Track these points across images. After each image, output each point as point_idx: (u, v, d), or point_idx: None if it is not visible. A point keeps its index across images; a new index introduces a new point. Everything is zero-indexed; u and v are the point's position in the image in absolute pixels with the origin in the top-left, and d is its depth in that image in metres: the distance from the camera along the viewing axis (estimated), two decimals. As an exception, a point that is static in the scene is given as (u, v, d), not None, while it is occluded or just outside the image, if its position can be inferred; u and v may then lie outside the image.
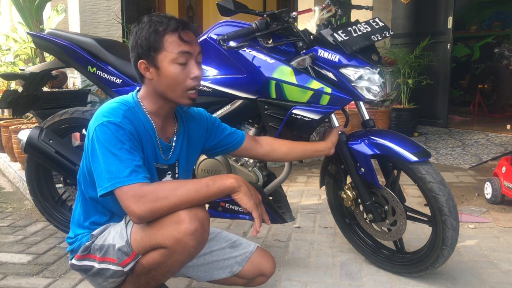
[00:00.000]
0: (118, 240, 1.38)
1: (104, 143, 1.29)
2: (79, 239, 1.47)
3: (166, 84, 1.40)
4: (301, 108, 1.83)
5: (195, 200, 1.30)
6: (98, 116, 1.34)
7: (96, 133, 1.31)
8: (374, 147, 1.85)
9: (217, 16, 1.79)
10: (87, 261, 1.43)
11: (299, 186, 3.50)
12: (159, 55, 1.38)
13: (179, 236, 1.28)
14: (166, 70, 1.38)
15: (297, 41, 1.88)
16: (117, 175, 1.26)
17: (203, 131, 1.63)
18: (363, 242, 2.16)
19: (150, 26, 1.37)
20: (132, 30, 1.42)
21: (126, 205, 1.26)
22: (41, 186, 2.44)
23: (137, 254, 1.36)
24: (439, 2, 5.28)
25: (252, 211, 1.34)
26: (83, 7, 4.02)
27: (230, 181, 1.33)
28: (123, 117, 1.34)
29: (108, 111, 1.34)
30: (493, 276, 2.02)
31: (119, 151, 1.28)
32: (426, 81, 4.99)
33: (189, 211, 1.29)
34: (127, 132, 1.32)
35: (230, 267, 1.57)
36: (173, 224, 1.28)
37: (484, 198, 3.08)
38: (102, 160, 1.28)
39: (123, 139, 1.30)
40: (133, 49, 1.41)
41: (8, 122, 3.82)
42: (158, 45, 1.37)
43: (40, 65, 2.61)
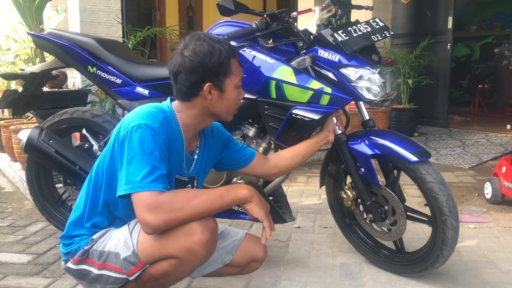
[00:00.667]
0: (123, 250, 1.36)
1: (136, 145, 1.28)
2: (77, 242, 1.44)
3: (225, 106, 1.46)
4: (301, 108, 1.83)
5: (209, 211, 1.31)
6: (135, 118, 1.33)
7: (131, 133, 1.30)
8: (374, 147, 1.85)
9: (217, 16, 1.79)
10: (84, 265, 1.42)
11: (299, 186, 3.50)
12: (227, 79, 1.43)
13: (192, 246, 1.29)
14: (230, 93, 1.45)
15: (297, 41, 1.88)
16: (138, 179, 1.25)
17: (220, 146, 1.65)
18: (363, 242, 2.16)
19: (220, 50, 1.39)
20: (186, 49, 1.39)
21: (140, 214, 1.25)
22: (41, 186, 2.44)
23: (145, 264, 1.36)
24: (439, 2, 5.28)
25: (264, 221, 1.39)
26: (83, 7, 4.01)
27: (243, 191, 1.36)
28: (161, 124, 1.34)
29: (147, 115, 1.34)
30: (493, 276, 2.02)
31: (148, 156, 1.28)
32: (426, 81, 4.99)
33: (201, 222, 1.30)
34: (161, 140, 1.32)
35: (221, 258, 1.59)
36: (185, 235, 1.29)
37: (484, 198, 3.08)
38: (128, 161, 1.28)
39: (156, 146, 1.30)
40: (195, 70, 1.38)
41: (8, 122, 3.82)
42: (228, 70, 1.42)
43: (40, 65, 2.61)
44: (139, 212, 1.25)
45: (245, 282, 1.94)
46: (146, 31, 3.98)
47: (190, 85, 1.40)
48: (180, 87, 1.42)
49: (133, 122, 1.32)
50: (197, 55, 1.38)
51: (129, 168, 1.27)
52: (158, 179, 1.27)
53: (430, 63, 5.10)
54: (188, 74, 1.39)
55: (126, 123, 1.34)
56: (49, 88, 3.47)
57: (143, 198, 1.24)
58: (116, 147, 1.35)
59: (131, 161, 1.27)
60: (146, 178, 1.25)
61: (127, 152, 1.29)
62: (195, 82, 1.40)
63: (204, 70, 1.38)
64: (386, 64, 5.14)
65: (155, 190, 1.24)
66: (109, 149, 1.39)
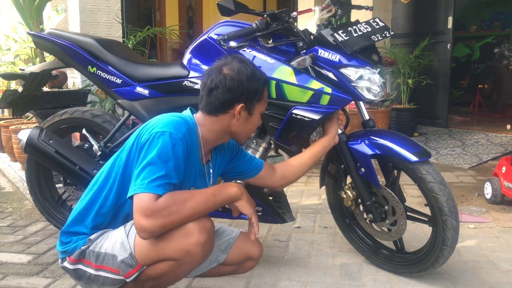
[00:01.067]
0: (120, 252, 1.37)
1: (155, 151, 1.30)
2: (74, 241, 1.44)
3: (247, 128, 1.52)
4: (301, 108, 1.83)
5: (204, 211, 1.34)
6: (160, 124, 1.35)
7: (153, 138, 1.32)
8: (374, 147, 1.85)
9: (217, 16, 1.79)
10: (81, 265, 1.42)
11: (299, 186, 3.50)
12: (258, 105, 1.51)
13: (189, 248, 1.30)
14: (255, 118, 1.53)
15: (297, 41, 1.88)
16: (145, 182, 1.27)
17: (229, 156, 1.67)
18: (363, 242, 2.16)
19: (259, 77, 1.48)
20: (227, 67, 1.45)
21: (137, 219, 1.25)
22: (41, 186, 2.44)
23: (143, 266, 1.37)
24: (439, 2, 5.28)
25: (252, 217, 1.45)
26: (83, 7, 4.01)
27: (234, 189, 1.40)
28: (184, 135, 1.36)
29: (172, 124, 1.36)
30: (493, 276, 2.02)
31: (163, 164, 1.29)
32: (426, 81, 4.99)
33: (198, 223, 1.32)
34: (180, 151, 1.34)
35: (214, 257, 1.59)
36: (182, 237, 1.30)
37: (484, 198, 3.08)
38: (143, 166, 1.29)
39: (173, 156, 1.31)
40: (234, 89, 1.43)
41: (8, 122, 3.82)
42: (261, 96, 1.50)
43: (40, 65, 2.60)
44: (136, 216, 1.26)
45: (245, 282, 1.94)
46: (146, 31, 3.98)
47: (224, 101, 1.45)
48: (213, 101, 1.45)
49: (158, 128, 1.34)
50: (240, 75, 1.44)
51: (142, 172, 1.29)
52: (164, 186, 1.28)
53: (430, 63, 5.10)
54: (226, 91, 1.43)
55: (149, 127, 1.36)
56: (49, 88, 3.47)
57: (141, 200, 1.25)
58: (134, 149, 1.37)
59: (146, 166, 1.29)
60: (153, 182, 1.27)
61: (144, 156, 1.31)
62: (230, 100, 1.45)
63: (242, 91, 1.44)
64: (386, 64, 5.14)
65: (154, 194, 1.25)
66: (126, 152, 1.40)
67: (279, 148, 2.00)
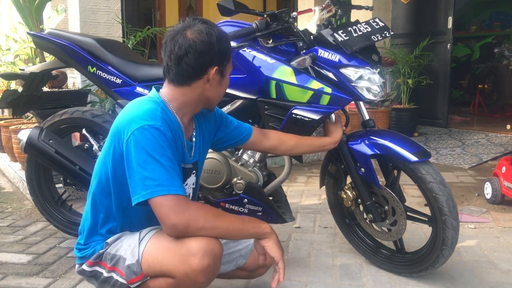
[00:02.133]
0: (129, 257, 1.36)
1: (145, 148, 1.24)
2: (93, 246, 1.44)
3: (219, 92, 1.47)
4: (301, 108, 1.83)
5: (226, 233, 1.32)
6: (134, 118, 1.29)
7: (135, 137, 1.25)
8: (374, 147, 1.85)
9: (217, 16, 1.78)
10: (97, 267, 1.43)
11: (299, 186, 3.50)
12: (228, 66, 1.44)
13: (189, 271, 1.27)
14: (226, 79, 1.47)
15: (297, 41, 1.88)
16: (157, 183, 1.22)
17: (213, 125, 1.64)
18: (363, 242, 2.16)
19: (227, 36, 1.42)
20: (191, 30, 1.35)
21: (165, 214, 1.22)
22: (41, 186, 2.44)
23: (146, 276, 1.35)
24: (439, 2, 5.28)
25: (279, 261, 1.38)
26: (83, 7, 4.01)
27: (265, 226, 1.38)
28: (162, 120, 1.30)
29: (145, 113, 1.30)
30: (493, 276, 2.02)
31: (162, 158, 1.25)
32: (426, 81, 4.99)
33: (205, 245, 1.27)
34: (168, 137, 1.29)
35: (235, 261, 1.61)
36: (185, 255, 1.26)
37: (484, 198, 3.08)
38: (140, 166, 1.24)
39: (165, 145, 1.27)
40: (206, 52, 1.34)
41: (8, 122, 3.82)
42: (230, 55, 1.43)
43: (40, 65, 2.60)
44: (164, 211, 1.22)
45: (245, 282, 1.94)
46: (146, 31, 3.98)
47: (198, 67, 1.36)
48: (185, 69, 1.36)
49: (134, 124, 1.27)
50: (209, 37, 1.34)
51: (144, 172, 1.23)
52: (178, 181, 1.26)
53: (430, 63, 5.10)
54: (198, 55, 1.34)
55: (125, 124, 1.30)
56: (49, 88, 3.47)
57: (169, 198, 1.22)
58: (118, 150, 1.31)
59: (144, 164, 1.23)
60: (167, 180, 1.23)
61: (136, 157, 1.24)
62: (203, 64, 1.37)
63: (214, 53, 1.36)
64: (386, 64, 5.14)
65: (181, 194, 1.23)
66: (109, 153, 1.35)
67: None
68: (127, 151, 1.27)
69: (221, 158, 2.00)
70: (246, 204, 1.98)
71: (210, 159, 2.00)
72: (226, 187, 2.05)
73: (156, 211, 1.23)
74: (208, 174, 2.01)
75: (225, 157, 2.01)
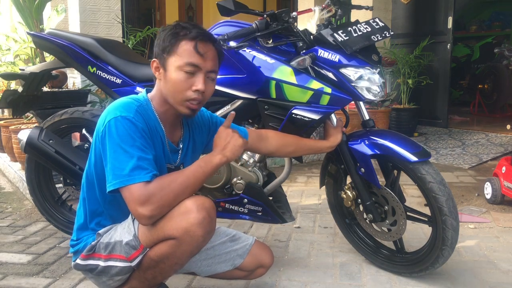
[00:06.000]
0: (125, 235, 1.39)
1: (115, 138, 1.29)
2: (84, 240, 1.47)
3: (168, 88, 1.42)
4: (301, 108, 1.83)
5: (195, 183, 1.34)
6: (110, 111, 1.34)
7: (108, 127, 1.31)
8: (374, 147, 1.85)
9: (217, 16, 1.79)
10: (92, 260, 1.44)
11: (299, 186, 3.50)
12: (170, 58, 1.40)
13: (187, 226, 1.30)
14: (170, 74, 1.40)
15: (297, 41, 1.88)
16: (126, 172, 1.27)
17: (206, 132, 1.64)
18: (363, 242, 2.16)
19: (172, 28, 1.41)
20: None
21: (133, 209, 1.27)
22: (41, 186, 2.44)
23: (145, 248, 1.37)
24: (439, 2, 5.28)
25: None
26: (83, 7, 4.02)
27: (217, 157, 1.40)
28: (136, 112, 1.34)
29: (121, 106, 1.34)
30: (493, 276, 2.02)
31: (130, 148, 1.29)
32: (426, 81, 4.99)
33: (196, 201, 1.32)
34: (140, 129, 1.32)
35: (232, 260, 1.62)
36: (181, 214, 1.30)
37: (484, 198, 3.08)
38: (111, 156, 1.29)
39: (135, 136, 1.30)
40: (155, 47, 1.43)
41: (8, 122, 3.82)
42: (172, 48, 1.39)
43: (40, 65, 2.60)
44: (132, 206, 1.27)
45: (245, 282, 1.94)
46: (146, 31, 3.98)
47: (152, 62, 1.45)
48: None
49: (109, 116, 1.32)
50: (159, 34, 1.43)
51: (114, 162, 1.28)
52: (145, 168, 1.28)
53: (430, 63, 5.10)
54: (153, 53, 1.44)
55: (102, 118, 1.35)
56: (49, 88, 3.47)
57: (133, 191, 1.26)
58: (97, 143, 1.36)
59: (115, 154, 1.28)
60: (133, 170, 1.27)
61: (109, 147, 1.30)
62: (151, 58, 1.45)
63: (155, 47, 1.43)
64: (386, 64, 5.14)
65: (143, 181, 1.26)
66: (93, 148, 1.41)
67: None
68: (103, 142, 1.33)
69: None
70: (246, 204, 1.99)
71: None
72: (226, 187, 2.05)
73: (125, 201, 1.29)
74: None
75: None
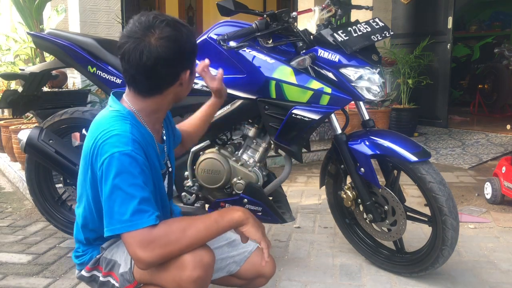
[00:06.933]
0: (123, 263, 1.34)
1: (114, 179, 1.17)
2: (90, 252, 1.43)
3: (191, 86, 1.35)
4: (301, 108, 1.83)
5: (205, 239, 1.24)
6: (105, 146, 1.19)
7: (107, 167, 1.18)
8: (374, 147, 1.85)
9: (217, 16, 1.79)
10: (95, 271, 1.42)
11: (299, 186, 3.50)
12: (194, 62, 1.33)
13: (180, 282, 1.22)
14: (194, 74, 1.35)
15: (297, 41, 1.88)
16: (127, 217, 1.15)
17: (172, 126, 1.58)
18: (363, 242, 2.16)
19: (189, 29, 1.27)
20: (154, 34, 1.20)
21: (132, 251, 1.16)
22: (41, 186, 2.44)
23: (139, 284, 1.34)
24: (439, 2, 5.28)
25: (261, 242, 1.30)
26: (83, 7, 4.02)
27: (238, 214, 1.27)
28: (133, 142, 1.20)
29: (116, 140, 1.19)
30: (493, 276, 2.02)
31: (131, 188, 1.16)
32: (426, 81, 4.99)
33: (194, 256, 1.22)
34: (141, 163, 1.20)
35: (227, 267, 1.52)
36: (176, 268, 1.22)
37: (484, 198, 3.08)
38: (111, 198, 1.17)
39: (135, 172, 1.18)
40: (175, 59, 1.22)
41: (8, 122, 3.82)
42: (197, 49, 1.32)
43: (40, 65, 2.60)
44: (131, 249, 1.16)
45: (245, 282, 1.94)
46: (146, 31, 3.97)
47: (170, 76, 1.26)
48: (157, 81, 1.25)
49: (105, 152, 1.19)
50: (177, 43, 1.22)
51: (114, 206, 1.16)
52: (147, 210, 1.17)
53: (430, 63, 5.10)
54: (169, 65, 1.22)
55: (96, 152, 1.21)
56: (49, 88, 3.47)
57: (135, 235, 1.15)
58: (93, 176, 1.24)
59: (115, 197, 1.16)
60: (135, 214, 1.15)
61: (106, 187, 1.17)
62: (176, 72, 1.26)
63: (185, 57, 1.25)
64: (386, 64, 5.14)
65: (145, 227, 1.15)
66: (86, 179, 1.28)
67: (279, 148, 2.00)
68: (100, 180, 1.20)
69: (221, 158, 2.00)
70: (246, 204, 1.99)
71: (210, 159, 2.00)
72: (226, 187, 2.05)
73: (125, 246, 1.19)
74: (208, 174, 2.01)
75: (225, 157, 2.01)
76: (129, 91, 1.30)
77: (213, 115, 1.77)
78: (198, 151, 2.06)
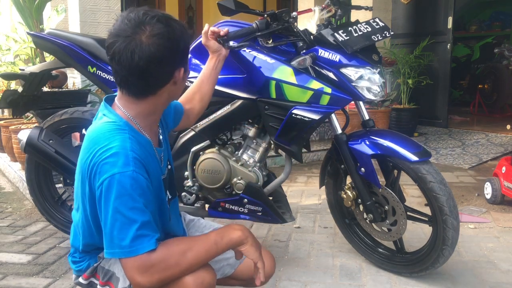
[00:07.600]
0: (122, 279, 1.30)
1: (113, 202, 1.11)
2: (87, 260, 1.40)
3: (184, 84, 1.31)
4: (301, 108, 1.83)
5: (205, 261, 1.21)
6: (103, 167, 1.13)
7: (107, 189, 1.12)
8: (375, 147, 1.85)
9: (217, 16, 1.78)
10: (93, 278, 1.41)
11: (299, 186, 3.50)
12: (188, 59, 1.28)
13: None
14: (188, 73, 1.31)
15: (298, 41, 1.88)
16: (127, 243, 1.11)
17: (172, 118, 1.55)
18: (363, 242, 2.16)
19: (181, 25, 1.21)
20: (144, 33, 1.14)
21: (130, 276, 1.13)
22: (41, 186, 2.44)
23: None
24: (439, 2, 5.28)
25: (258, 262, 1.26)
26: (83, 7, 4.02)
27: (237, 234, 1.23)
28: (134, 161, 1.13)
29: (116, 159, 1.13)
30: (493, 276, 2.02)
31: (131, 212, 1.11)
32: (426, 81, 4.99)
33: (196, 278, 1.18)
34: (142, 183, 1.14)
35: (222, 270, 1.49)
36: None
37: (484, 198, 3.08)
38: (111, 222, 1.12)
39: (135, 194, 1.12)
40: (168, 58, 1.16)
41: (8, 122, 3.82)
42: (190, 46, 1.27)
43: (40, 65, 2.60)
44: (129, 273, 1.12)
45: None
46: (146, 31, 3.97)
47: (164, 75, 1.19)
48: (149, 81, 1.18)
49: (104, 172, 1.12)
50: (171, 41, 1.16)
51: (114, 230, 1.11)
52: (147, 234, 1.12)
53: (430, 63, 5.10)
54: (162, 64, 1.16)
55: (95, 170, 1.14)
56: (49, 88, 3.47)
57: (134, 260, 1.11)
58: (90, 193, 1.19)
59: (114, 221, 1.11)
60: (135, 240, 1.10)
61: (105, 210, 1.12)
62: (170, 70, 1.20)
63: (178, 56, 1.19)
64: (386, 64, 5.14)
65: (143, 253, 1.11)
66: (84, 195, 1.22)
67: (279, 148, 2.00)
68: (99, 200, 1.15)
69: (221, 158, 2.00)
70: (246, 204, 1.99)
71: (210, 159, 2.00)
72: (226, 187, 2.05)
73: (123, 270, 1.16)
74: (208, 174, 2.01)
75: (225, 157, 2.01)
76: (122, 94, 1.24)
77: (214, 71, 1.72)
78: (198, 151, 2.06)
